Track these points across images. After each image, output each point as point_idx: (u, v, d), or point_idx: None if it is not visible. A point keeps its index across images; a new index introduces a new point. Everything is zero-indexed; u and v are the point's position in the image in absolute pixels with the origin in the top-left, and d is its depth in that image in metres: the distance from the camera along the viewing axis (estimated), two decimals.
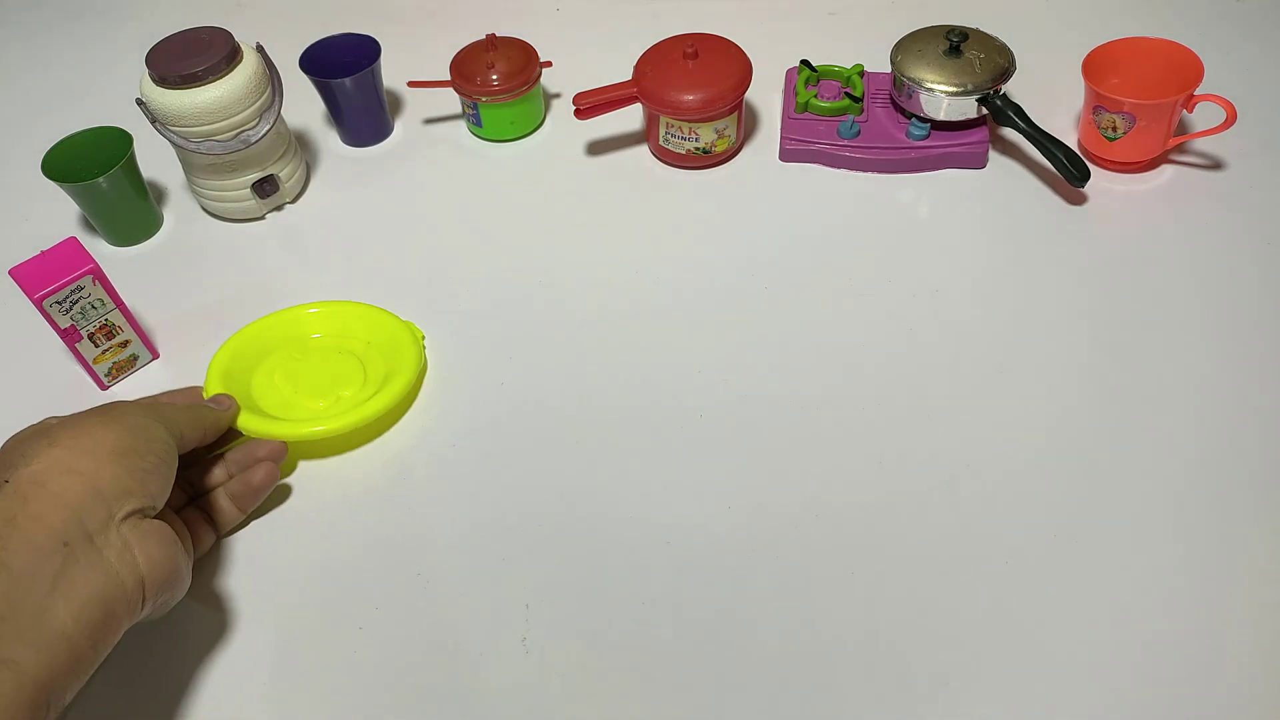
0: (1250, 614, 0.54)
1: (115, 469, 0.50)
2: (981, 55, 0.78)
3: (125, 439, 0.52)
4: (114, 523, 0.49)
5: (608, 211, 0.81)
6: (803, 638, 0.55)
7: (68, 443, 0.51)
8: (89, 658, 0.46)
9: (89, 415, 0.54)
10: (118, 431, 0.52)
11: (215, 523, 0.61)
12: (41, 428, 0.53)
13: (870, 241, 0.76)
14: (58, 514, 0.48)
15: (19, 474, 0.49)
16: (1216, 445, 0.62)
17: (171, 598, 0.52)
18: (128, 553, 0.49)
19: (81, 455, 0.50)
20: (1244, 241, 0.74)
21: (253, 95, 0.76)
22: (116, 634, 0.48)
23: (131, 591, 0.49)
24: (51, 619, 0.45)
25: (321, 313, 0.73)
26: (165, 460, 0.54)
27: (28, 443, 0.51)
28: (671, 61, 0.81)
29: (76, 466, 0.50)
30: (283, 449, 0.63)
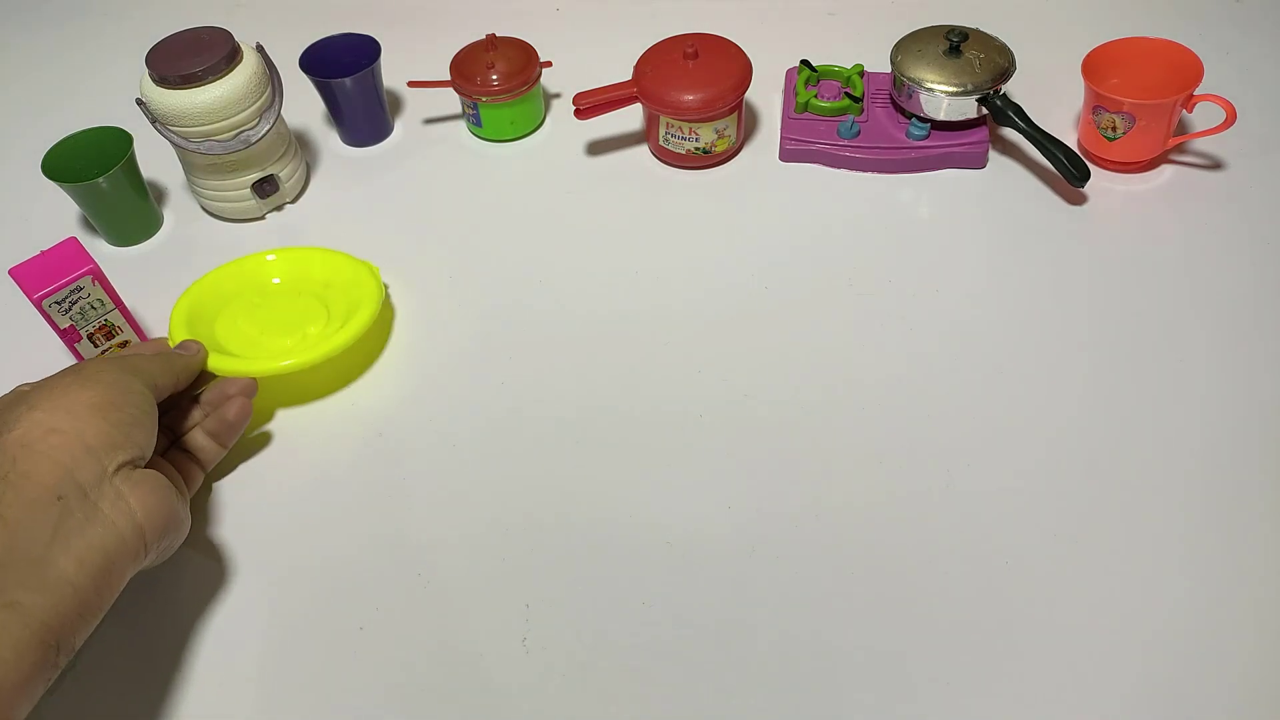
0: (1252, 614, 0.54)
1: (99, 424, 0.51)
2: (981, 55, 0.78)
3: (103, 394, 0.53)
4: (106, 476, 0.50)
5: (608, 211, 0.81)
6: (802, 638, 0.55)
7: (46, 405, 0.51)
8: (94, 603, 0.47)
9: (63, 376, 0.54)
10: (95, 389, 0.53)
11: (199, 461, 0.62)
12: (14, 396, 0.54)
13: (870, 241, 0.76)
14: (49, 471, 0.48)
15: (2, 440, 0.49)
16: (1217, 445, 0.62)
17: (173, 542, 0.54)
18: (122, 503, 0.50)
19: (63, 415, 0.51)
20: (1244, 241, 0.74)
21: (253, 95, 0.76)
22: (122, 580, 0.50)
23: (131, 540, 0.50)
24: (53, 566, 0.46)
25: (278, 258, 0.76)
26: (146, 411, 0.55)
27: (5, 411, 0.52)
28: (671, 61, 0.81)
29: (60, 425, 0.50)
30: (253, 384, 0.65)
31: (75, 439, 0.50)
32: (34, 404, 0.51)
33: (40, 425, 0.50)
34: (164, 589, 0.60)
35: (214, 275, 0.74)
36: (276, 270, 0.76)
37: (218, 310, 0.72)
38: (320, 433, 0.67)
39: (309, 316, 0.72)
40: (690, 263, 0.76)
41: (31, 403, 0.51)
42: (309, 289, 0.74)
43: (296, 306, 0.73)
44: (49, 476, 0.48)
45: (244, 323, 0.71)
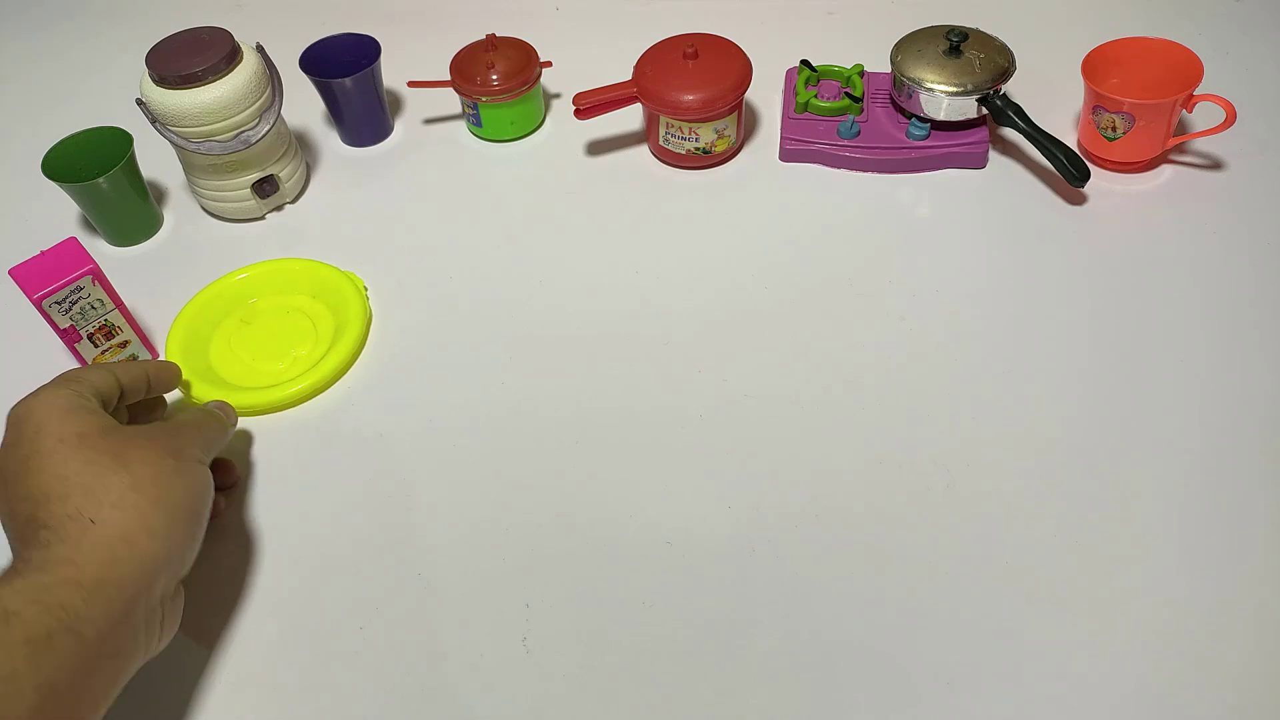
0: (1252, 614, 0.54)
1: (185, 537, 0.49)
2: (981, 55, 0.78)
3: (195, 499, 0.50)
4: (166, 597, 0.48)
5: (608, 211, 0.81)
6: (803, 637, 0.55)
7: (149, 491, 0.48)
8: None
9: (155, 444, 0.51)
10: (189, 488, 0.50)
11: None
12: (99, 425, 0.50)
13: (870, 241, 0.76)
14: (136, 584, 0.45)
15: (106, 520, 0.45)
16: (1216, 444, 0.62)
17: None
18: (159, 627, 0.48)
19: (161, 513, 0.47)
20: (1244, 241, 0.74)
21: (253, 95, 0.76)
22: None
23: (146, 656, 0.48)
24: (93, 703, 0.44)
25: (262, 273, 0.76)
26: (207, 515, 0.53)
27: (97, 458, 0.48)
28: (671, 61, 0.81)
29: (156, 527, 0.47)
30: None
31: (164, 548, 0.47)
32: (136, 481, 0.48)
33: (142, 520, 0.46)
34: None
35: (201, 298, 0.74)
36: (261, 286, 0.76)
37: (209, 334, 0.73)
38: (321, 433, 0.67)
39: (298, 336, 0.73)
40: (690, 263, 0.76)
41: (133, 478, 0.48)
42: (295, 304, 0.75)
43: (284, 326, 0.74)
44: (133, 589, 0.45)
45: (236, 347, 0.72)
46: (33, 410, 0.50)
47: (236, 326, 0.74)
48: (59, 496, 0.46)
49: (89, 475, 0.47)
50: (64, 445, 0.48)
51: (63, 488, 0.47)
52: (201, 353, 0.72)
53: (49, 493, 0.47)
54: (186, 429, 0.55)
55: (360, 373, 0.71)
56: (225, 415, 0.61)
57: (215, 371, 0.71)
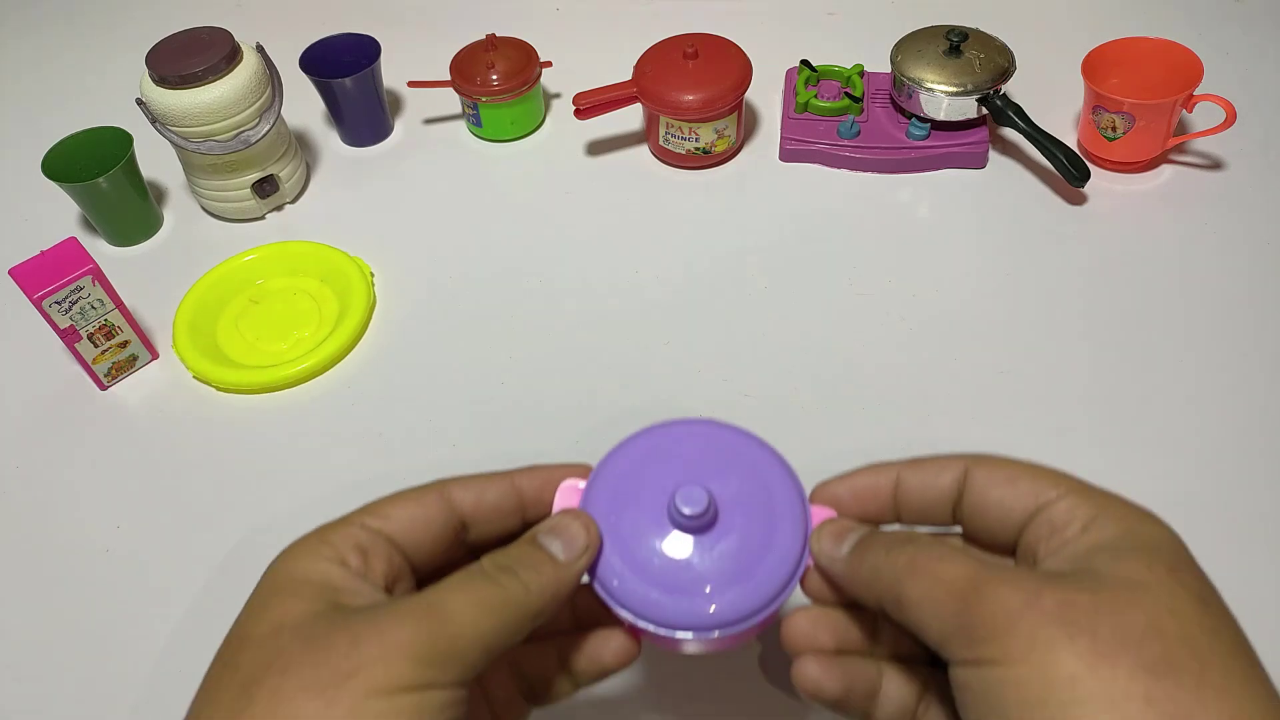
0: (1253, 615, 0.54)
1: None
2: (981, 55, 0.78)
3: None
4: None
5: (608, 211, 0.81)
6: None
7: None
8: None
9: (313, 666, 0.31)
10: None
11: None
12: (279, 617, 0.33)
13: (870, 241, 0.76)
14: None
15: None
16: (1216, 444, 0.62)
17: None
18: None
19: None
20: (1243, 241, 0.74)
21: (253, 95, 0.76)
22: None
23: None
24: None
25: (270, 254, 0.78)
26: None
27: (226, 679, 0.32)
28: (671, 61, 0.81)
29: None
30: (633, 654, 0.39)
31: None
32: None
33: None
34: (164, 591, 0.60)
35: (210, 277, 0.76)
36: (269, 268, 0.77)
37: (217, 312, 0.75)
38: (320, 431, 0.67)
39: (302, 319, 0.74)
40: (690, 263, 0.76)
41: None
42: (301, 285, 0.77)
43: (290, 308, 0.75)
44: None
45: (242, 326, 0.74)
46: (272, 569, 0.35)
47: (245, 306, 0.75)
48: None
49: (200, 703, 0.32)
50: (224, 652, 0.34)
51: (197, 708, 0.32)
52: (209, 330, 0.73)
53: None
54: (409, 615, 0.32)
55: (361, 362, 0.71)
56: (549, 557, 0.36)
57: (220, 349, 0.72)
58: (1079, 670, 0.28)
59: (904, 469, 0.40)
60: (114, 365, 0.71)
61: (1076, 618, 0.29)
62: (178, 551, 0.61)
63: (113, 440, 0.68)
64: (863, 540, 0.37)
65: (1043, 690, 0.28)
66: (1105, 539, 0.33)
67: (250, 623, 0.33)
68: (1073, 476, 0.36)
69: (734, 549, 0.37)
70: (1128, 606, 0.30)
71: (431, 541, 0.37)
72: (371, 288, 0.75)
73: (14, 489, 0.66)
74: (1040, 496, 0.35)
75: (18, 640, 0.58)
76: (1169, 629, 0.29)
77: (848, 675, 0.37)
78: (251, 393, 0.70)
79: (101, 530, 0.63)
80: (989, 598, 0.31)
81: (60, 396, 0.71)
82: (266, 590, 0.34)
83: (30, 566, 0.62)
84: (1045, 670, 0.29)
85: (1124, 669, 0.28)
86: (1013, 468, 0.38)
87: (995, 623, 0.30)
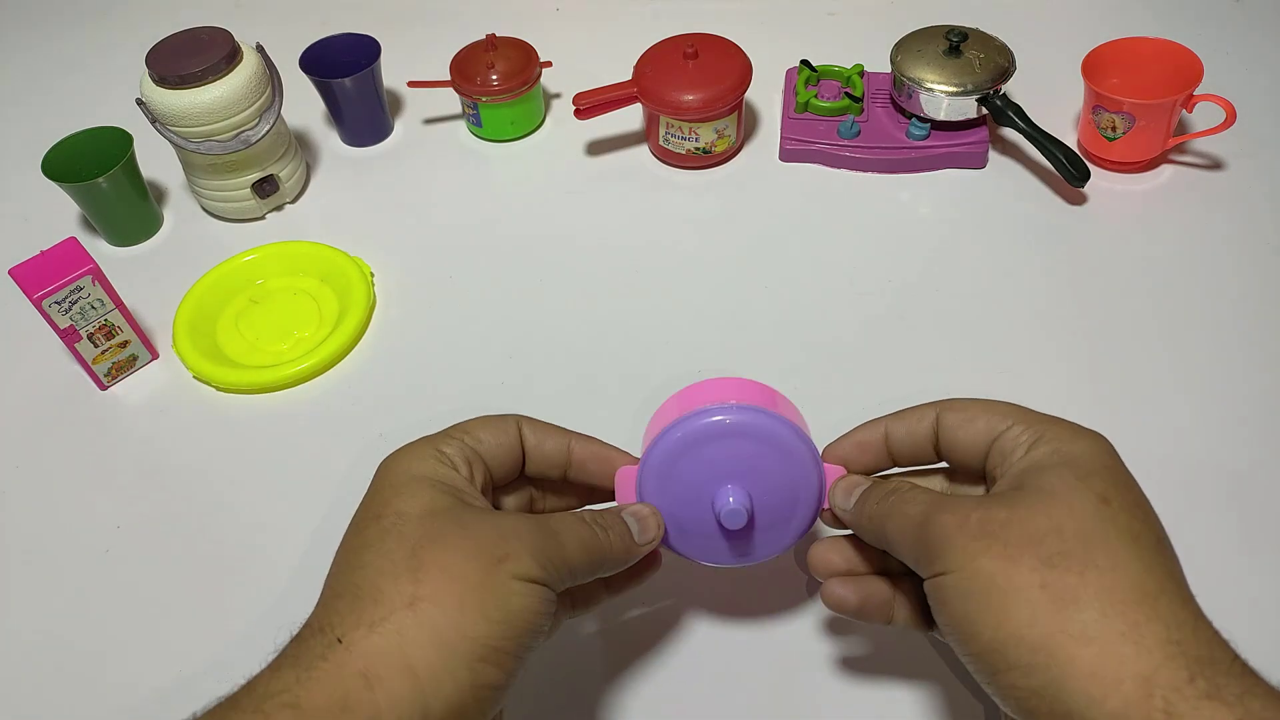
0: (1255, 615, 0.54)
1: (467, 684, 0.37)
2: (981, 55, 0.78)
3: (500, 632, 0.38)
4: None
5: (608, 211, 0.81)
6: (802, 639, 0.55)
7: (428, 612, 0.37)
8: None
9: (469, 543, 0.39)
10: (493, 616, 0.38)
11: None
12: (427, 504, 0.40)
13: (870, 241, 0.76)
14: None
15: (355, 645, 0.36)
16: (1216, 445, 0.62)
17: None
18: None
19: (434, 648, 0.36)
20: (1243, 241, 0.74)
21: (253, 95, 0.76)
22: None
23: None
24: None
25: (270, 254, 0.78)
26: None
27: (394, 549, 0.39)
28: (671, 61, 0.81)
29: (420, 666, 0.36)
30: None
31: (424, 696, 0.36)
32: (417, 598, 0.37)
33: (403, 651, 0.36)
34: (165, 592, 0.60)
35: (210, 276, 0.76)
36: (269, 267, 0.77)
37: (217, 312, 0.75)
38: (320, 431, 0.67)
39: (302, 319, 0.74)
40: (690, 263, 0.76)
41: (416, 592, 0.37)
42: (301, 285, 0.77)
43: (290, 308, 0.75)
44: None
45: (242, 326, 0.74)
46: (388, 469, 0.43)
47: (245, 306, 0.75)
48: (334, 591, 0.39)
49: (373, 573, 0.38)
50: (382, 520, 0.40)
51: (342, 581, 0.39)
52: (209, 330, 0.73)
53: (335, 579, 0.40)
54: (536, 526, 0.41)
55: (361, 362, 0.71)
56: (629, 531, 0.45)
57: (220, 349, 0.72)
58: (994, 570, 0.37)
59: (889, 422, 0.47)
60: (114, 365, 0.71)
61: (993, 529, 0.38)
62: (178, 551, 0.61)
63: (113, 440, 0.68)
64: (864, 493, 0.45)
65: (970, 589, 0.37)
66: (1038, 458, 0.41)
67: (401, 503, 0.41)
68: (1025, 409, 0.43)
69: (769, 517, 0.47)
70: (1035, 514, 0.38)
71: (508, 466, 0.46)
72: (371, 288, 0.75)
73: (14, 489, 0.66)
74: (994, 429, 0.43)
75: (17, 640, 0.58)
76: (1066, 527, 0.37)
77: (862, 589, 0.46)
78: (251, 393, 0.70)
79: (101, 530, 0.63)
80: (934, 524, 0.39)
81: (60, 396, 0.71)
82: (402, 480, 0.42)
83: (30, 566, 0.62)
84: (972, 574, 0.37)
85: (1025, 565, 0.36)
86: (972, 407, 0.45)
87: (939, 544, 0.39)
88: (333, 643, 0.36)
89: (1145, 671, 0.33)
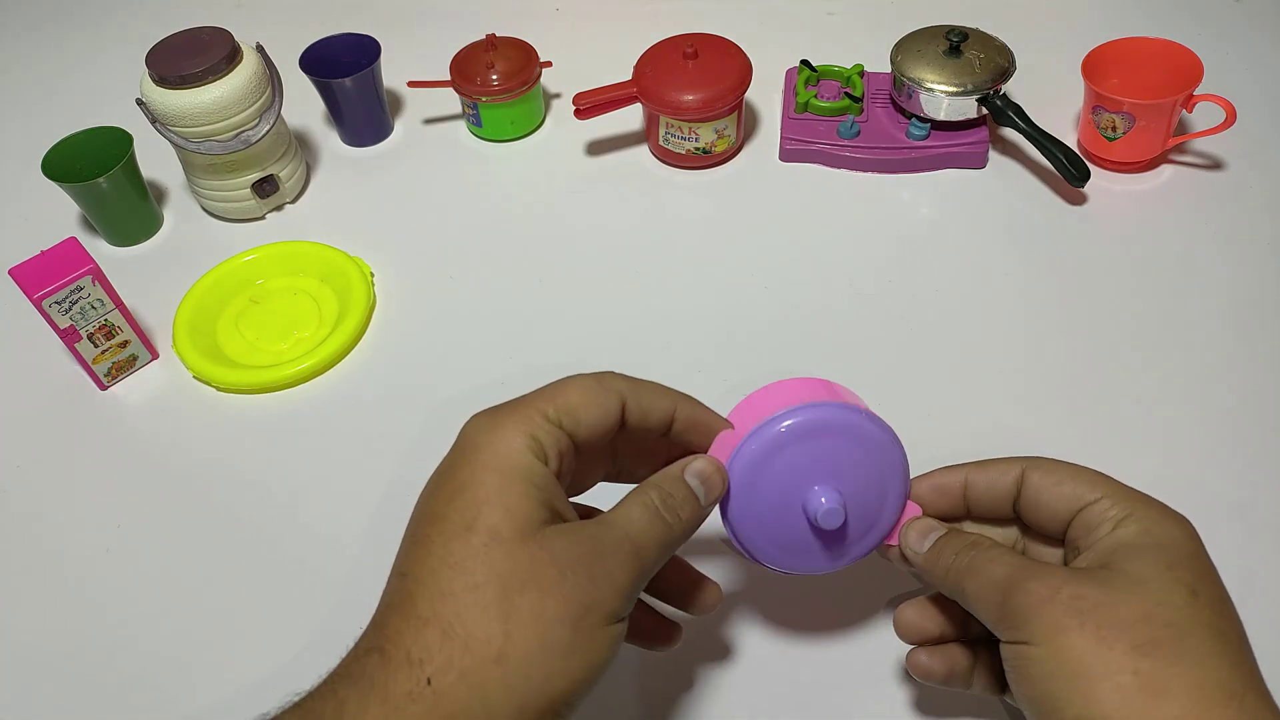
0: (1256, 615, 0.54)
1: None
2: (981, 55, 0.78)
3: (571, 689, 0.37)
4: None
5: (608, 211, 0.81)
6: (804, 643, 0.55)
7: (515, 669, 0.36)
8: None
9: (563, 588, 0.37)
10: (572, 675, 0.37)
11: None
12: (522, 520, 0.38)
13: (870, 241, 0.76)
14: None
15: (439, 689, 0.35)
16: (1216, 445, 0.62)
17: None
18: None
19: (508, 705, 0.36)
20: (1244, 241, 0.74)
21: (253, 95, 0.76)
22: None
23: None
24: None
25: (270, 254, 0.78)
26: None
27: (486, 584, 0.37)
28: (671, 61, 0.81)
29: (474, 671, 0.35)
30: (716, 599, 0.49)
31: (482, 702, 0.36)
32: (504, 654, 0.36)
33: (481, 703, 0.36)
34: (165, 592, 0.60)
35: (210, 276, 0.76)
36: (269, 268, 0.77)
37: (217, 312, 0.75)
38: (320, 431, 0.67)
39: (302, 319, 0.74)
40: (690, 263, 0.76)
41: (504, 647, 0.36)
42: (301, 285, 0.77)
43: (290, 308, 0.75)
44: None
45: (242, 326, 0.74)
46: (480, 448, 0.40)
47: (245, 306, 0.75)
48: (420, 617, 0.36)
49: (463, 608, 0.36)
50: (473, 537, 0.37)
51: (428, 604, 0.37)
52: (209, 330, 0.73)
53: (419, 596, 0.37)
54: (621, 553, 0.39)
55: (361, 362, 0.71)
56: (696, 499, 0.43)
57: (220, 349, 0.72)
58: (1084, 650, 0.36)
59: (970, 471, 0.47)
60: (114, 365, 0.71)
61: (1086, 608, 0.37)
62: (178, 551, 0.61)
63: (113, 440, 0.68)
64: (940, 540, 0.44)
65: (1058, 665, 0.37)
66: (1126, 538, 0.40)
67: (494, 514, 0.38)
68: (1113, 480, 0.43)
69: (852, 527, 0.46)
70: (1128, 599, 0.37)
71: (600, 441, 0.43)
72: (371, 288, 0.75)
73: (14, 489, 0.66)
74: (1082, 498, 0.43)
75: (17, 641, 0.58)
76: (1157, 616, 0.37)
77: (948, 661, 0.45)
78: (251, 393, 0.70)
79: (101, 530, 0.63)
80: (1022, 591, 0.39)
81: (60, 396, 0.71)
82: (492, 469, 0.39)
83: (30, 566, 0.62)
84: (1060, 649, 0.37)
85: (1118, 649, 0.36)
86: (1061, 470, 0.44)
87: (1026, 611, 0.38)
88: (422, 682, 0.35)
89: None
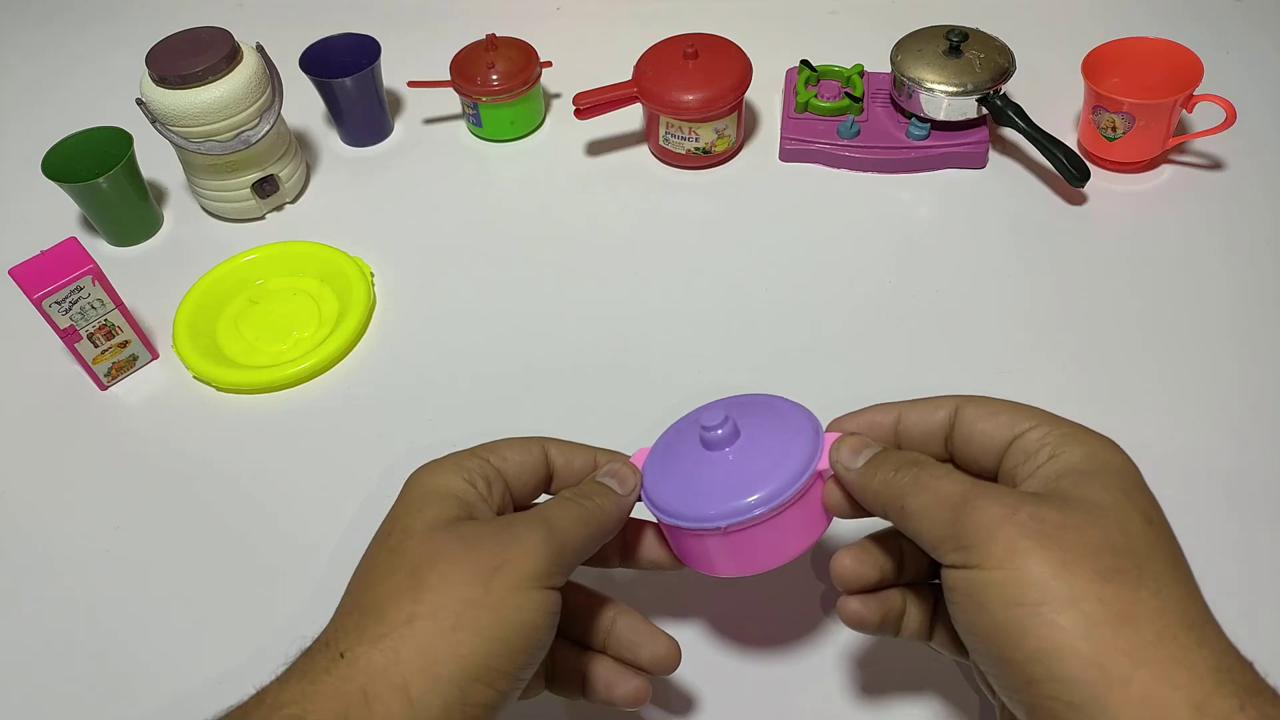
0: (1257, 615, 0.54)
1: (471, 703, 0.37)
2: (981, 55, 0.78)
3: (503, 651, 0.38)
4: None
5: (608, 211, 0.81)
6: (803, 641, 0.55)
7: (425, 633, 0.37)
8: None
9: (469, 555, 0.39)
10: (494, 634, 0.38)
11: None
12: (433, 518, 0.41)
13: (870, 241, 0.76)
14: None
15: (357, 661, 0.36)
16: (1217, 445, 0.62)
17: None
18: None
19: (426, 672, 0.36)
20: (1244, 241, 0.74)
21: (253, 95, 0.76)
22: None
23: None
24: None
25: (270, 254, 0.78)
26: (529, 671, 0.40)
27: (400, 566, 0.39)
28: (671, 61, 0.81)
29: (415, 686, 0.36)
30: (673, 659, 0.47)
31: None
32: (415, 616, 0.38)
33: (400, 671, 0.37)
34: (164, 592, 0.60)
35: (210, 276, 0.76)
36: (269, 268, 0.77)
37: (217, 312, 0.75)
38: (320, 431, 0.67)
39: (301, 319, 0.74)
40: (690, 263, 0.76)
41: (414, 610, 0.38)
42: (301, 285, 0.77)
43: (290, 308, 0.75)
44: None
45: (241, 326, 0.74)
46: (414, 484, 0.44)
47: (245, 306, 0.75)
48: (344, 609, 0.40)
49: (378, 591, 0.39)
50: (391, 539, 0.41)
51: (352, 599, 0.40)
52: (209, 330, 0.73)
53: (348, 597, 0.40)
54: (532, 522, 0.41)
55: (361, 362, 0.71)
56: (611, 489, 0.46)
57: (220, 349, 0.72)
58: (1047, 575, 0.34)
59: (904, 407, 0.46)
60: (114, 365, 0.71)
61: (1047, 531, 0.35)
62: (178, 551, 0.61)
63: (113, 440, 0.68)
64: (876, 456, 0.43)
65: (1017, 590, 0.35)
66: (1072, 462, 0.39)
67: (409, 519, 0.41)
68: (1045, 411, 0.42)
69: (753, 464, 0.44)
70: (1089, 524, 0.36)
71: (532, 484, 0.46)
72: (371, 288, 0.75)
73: (14, 489, 0.66)
74: (1016, 427, 0.41)
75: (17, 641, 0.58)
76: (1119, 543, 0.35)
77: (882, 606, 0.44)
78: (251, 393, 0.70)
79: (101, 530, 0.63)
80: (976, 509, 0.37)
81: (60, 396, 0.71)
82: (417, 495, 0.43)
83: (30, 566, 0.62)
84: (1020, 574, 0.35)
85: (1082, 575, 0.34)
86: (995, 404, 0.44)
87: (980, 531, 0.36)
88: (336, 657, 0.37)
89: (1197, 699, 0.32)
